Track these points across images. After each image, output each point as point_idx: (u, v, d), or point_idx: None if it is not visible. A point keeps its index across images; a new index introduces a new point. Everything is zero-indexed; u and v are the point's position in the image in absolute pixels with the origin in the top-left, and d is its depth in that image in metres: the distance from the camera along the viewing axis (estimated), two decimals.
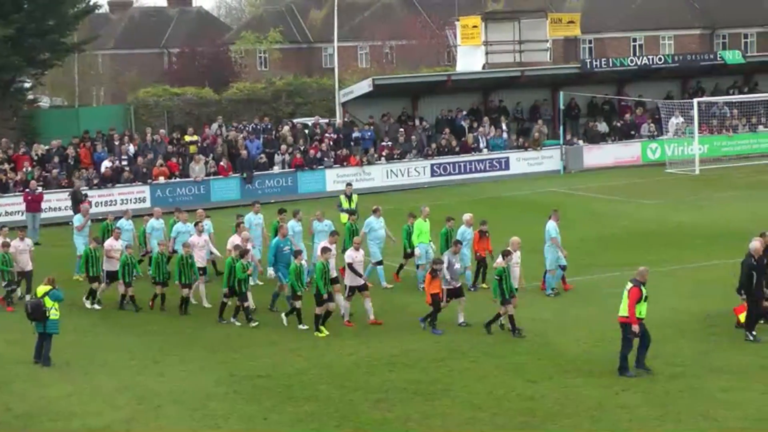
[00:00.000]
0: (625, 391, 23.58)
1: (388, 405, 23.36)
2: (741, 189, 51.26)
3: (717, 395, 23.06)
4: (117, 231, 34.62)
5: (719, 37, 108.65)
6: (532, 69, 64.42)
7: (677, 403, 22.71)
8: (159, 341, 29.42)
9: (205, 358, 27.59)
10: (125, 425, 22.84)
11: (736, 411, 22.05)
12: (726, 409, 22.16)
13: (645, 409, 22.45)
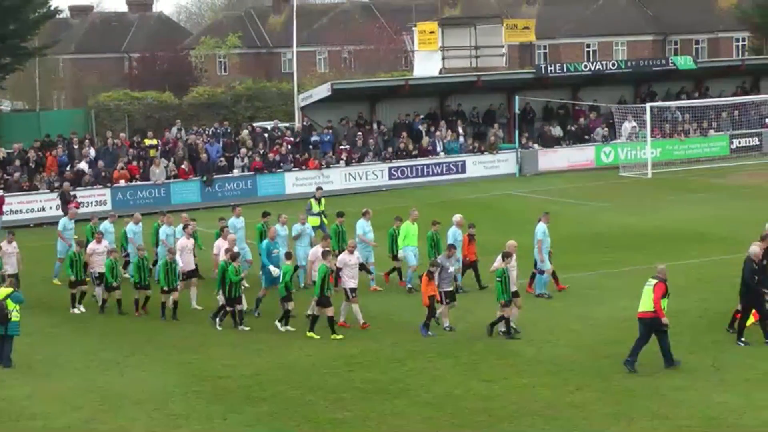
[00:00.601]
0: (579, 390, 23.66)
1: (346, 405, 23.36)
2: (692, 192, 51.56)
3: (669, 394, 23.17)
4: (99, 234, 34.25)
5: (671, 43, 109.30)
6: (488, 74, 64.59)
7: (630, 402, 22.80)
8: (120, 342, 29.30)
9: (165, 359, 27.51)
10: (86, 425, 22.73)
11: (687, 410, 22.17)
12: (678, 408, 22.28)
13: (599, 407, 22.53)
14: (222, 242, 32.77)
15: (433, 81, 64.81)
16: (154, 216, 38.36)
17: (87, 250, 33.20)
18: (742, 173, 57.40)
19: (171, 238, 35.09)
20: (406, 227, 33.91)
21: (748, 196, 49.56)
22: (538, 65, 73.71)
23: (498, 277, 27.95)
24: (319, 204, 39.50)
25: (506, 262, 28.16)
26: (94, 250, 33.19)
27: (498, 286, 27.92)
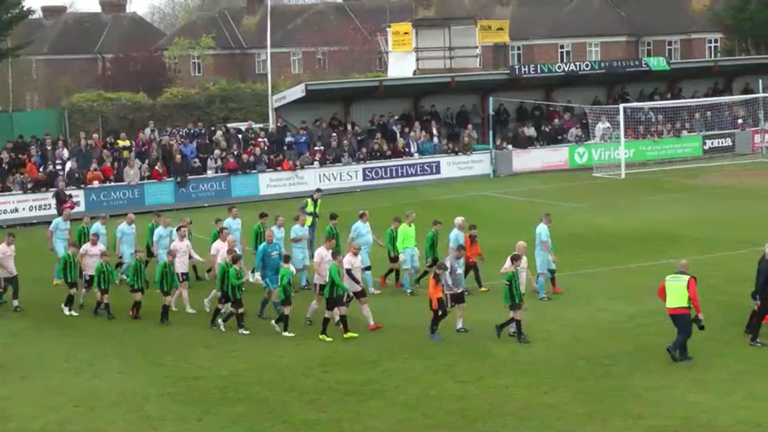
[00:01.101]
0: (553, 391, 23.67)
1: (321, 406, 23.31)
2: (666, 193, 51.73)
3: (643, 394, 23.20)
4: (94, 237, 33.92)
5: (644, 44, 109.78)
6: (462, 75, 64.66)
7: (604, 401, 22.83)
8: (95, 344, 29.20)
9: (140, 361, 27.43)
10: (61, 427, 22.63)
11: (660, 409, 22.21)
12: (651, 408, 22.32)
13: (573, 408, 22.55)
14: (220, 244, 32.47)
15: (407, 82, 64.85)
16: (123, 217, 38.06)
17: (80, 251, 32.88)
18: (716, 174, 57.62)
19: (165, 240, 34.87)
20: (403, 229, 33.71)
21: (721, 196, 49.77)
22: (512, 66, 73.79)
23: (507, 280, 27.60)
24: (315, 205, 39.37)
25: (515, 264, 27.88)
26: (87, 252, 32.89)
27: (506, 290, 27.56)
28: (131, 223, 36.43)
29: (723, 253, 36.26)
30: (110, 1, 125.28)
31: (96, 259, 32.62)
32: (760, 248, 35.86)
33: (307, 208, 38.93)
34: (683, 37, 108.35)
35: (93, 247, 33.21)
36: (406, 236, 33.64)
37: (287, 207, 45.34)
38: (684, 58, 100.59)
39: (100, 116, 72.28)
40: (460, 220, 33.44)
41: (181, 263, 32.71)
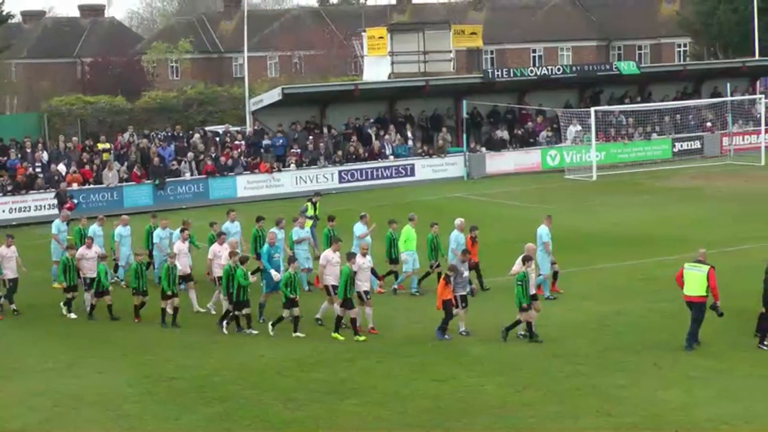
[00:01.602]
0: (526, 389, 23.76)
1: (298, 404, 23.34)
2: (636, 194, 51.89)
3: (613, 392, 23.31)
4: (89, 239, 33.58)
5: (615, 48, 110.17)
6: (436, 79, 64.68)
7: (575, 400, 22.93)
8: (75, 344, 29.15)
9: (119, 361, 27.40)
10: (41, 427, 22.59)
11: (631, 407, 22.31)
12: (621, 406, 22.42)
13: (545, 406, 22.63)
14: (217, 247, 32.10)
15: (383, 86, 64.86)
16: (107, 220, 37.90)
17: (77, 255, 32.46)
18: (685, 176, 57.85)
19: (165, 242, 34.64)
20: (407, 231, 33.46)
21: (690, 198, 49.99)
22: (485, 70, 74.02)
23: (519, 280, 27.43)
24: (314, 208, 39.29)
25: (527, 265, 27.68)
26: (83, 255, 32.49)
27: (519, 290, 27.36)
28: (126, 225, 36.11)
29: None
30: (89, 6, 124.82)
31: (92, 262, 32.32)
32: (728, 249, 36.33)
33: (308, 212, 38.76)
34: (653, 42, 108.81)
35: (88, 250, 32.80)
36: (409, 238, 33.38)
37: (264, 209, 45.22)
38: (654, 62, 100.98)
39: (80, 119, 72.08)
40: (460, 222, 33.20)
41: (184, 264, 32.29)
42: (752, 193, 50.48)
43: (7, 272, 32.46)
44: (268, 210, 44.88)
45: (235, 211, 36.57)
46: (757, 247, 36.74)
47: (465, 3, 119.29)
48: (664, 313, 29.42)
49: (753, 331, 26.82)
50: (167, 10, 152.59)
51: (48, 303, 32.91)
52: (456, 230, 33.02)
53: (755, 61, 73.75)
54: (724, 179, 55.86)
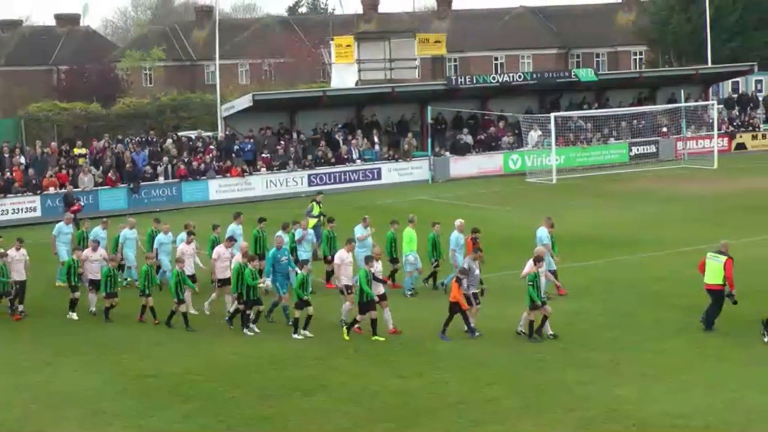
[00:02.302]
0: (490, 385, 23.77)
1: (270, 401, 23.30)
2: (594, 197, 52.08)
3: (574, 388, 23.36)
4: (95, 243, 33.02)
5: (573, 56, 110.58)
6: (401, 85, 64.78)
7: (538, 396, 22.96)
8: (53, 343, 28.99)
9: (96, 359, 27.27)
10: (18, 424, 22.46)
11: (590, 403, 22.36)
12: (582, 401, 22.46)
13: (509, 401, 22.65)
14: (222, 249, 31.64)
15: (350, 92, 64.85)
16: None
17: (81, 256, 32.09)
18: (641, 179, 58.09)
19: (167, 246, 34.28)
20: (407, 233, 32.95)
21: (645, 200, 50.19)
22: (449, 77, 74.03)
23: (530, 281, 27.19)
24: (319, 207, 39.11)
25: (538, 266, 27.47)
26: (87, 257, 32.13)
27: (531, 291, 27.08)
28: (133, 228, 35.70)
29: (648, 254, 36.58)
30: (65, 15, 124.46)
31: (97, 264, 32.03)
32: (682, 249, 36.49)
33: (313, 211, 38.63)
34: (610, 50, 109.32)
35: (93, 252, 32.38)
36: (410, 239, 32.92)
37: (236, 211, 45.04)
38: (611, 70, 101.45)
39: (56, 125, 71.78)
40: (460, 223, 32.89)
41: (189, 265, 31.72)
42: (705, 195, 50.73)
43: (14, 275, 31.77)
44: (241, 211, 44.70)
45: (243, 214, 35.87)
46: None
47: (429, 12, 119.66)
48: (621, 312, 29.53)
49: (701, 327, 27.20)
50: (141, 19, 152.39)
51: (27, 303, 32.59)
52: (456, 231, 32.68)
53: (708, 69, 74.19)
54: (678, 182, 56.14)
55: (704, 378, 23.72)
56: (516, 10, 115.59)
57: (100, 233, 35.10)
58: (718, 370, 24.22)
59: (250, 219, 36.68)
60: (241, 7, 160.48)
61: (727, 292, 26.91)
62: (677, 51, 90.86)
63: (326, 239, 34.46)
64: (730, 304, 27.14)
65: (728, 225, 41.92)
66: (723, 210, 46.25)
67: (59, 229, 36.78)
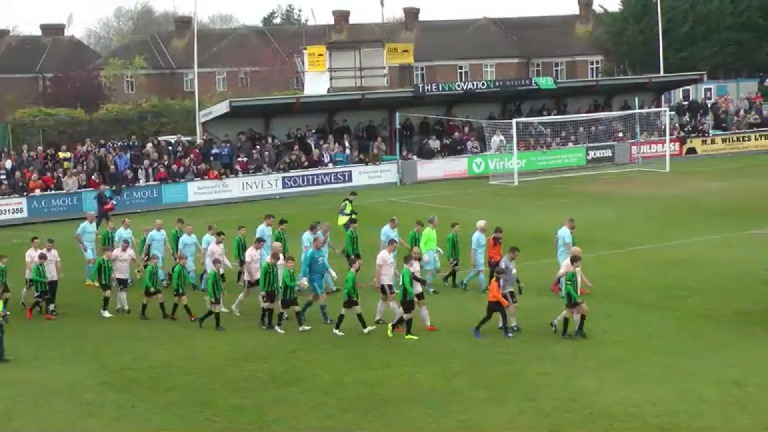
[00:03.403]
0: (455, 377, 23.77)
1: (245, 393, 23.22)
2: (553, 198, 52.13)
3: (535, 379, 23.38)
4: (125, 243, 32.54)
5: (534, 65, 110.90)
6: (371, 92, 64.74)
7: (502, 386, 22.95)
8: (38, 339, 28.81)
9: (79, 354, 27.14)
10: (5, 416, 22.28)
11: (551, 393, 22.38)
12: (543, 391, 22.48)
13: (473, 392, 22.64)
14: (253, 251, 30.98)
15: (322, 99, 64.80)
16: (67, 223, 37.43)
17: (111, 256, 31.54)
18: (597, 181, 58.25)
19: (192, 247, 33.78)
20: (427, 232, 32.55)
21: (601, 201, 50.32)
22: (416, 85, 74.02)
23: (568, 280, 26.68)
24: (351, 205, 38.84)
25: (575, 265, 26.94)
26: (117, 257, 31.67)
27: (570, 289, 26.57)
28: (160, 229, 34.99)
29: (602, 253, 36.62)
30: (50, 25, 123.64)
31: (126, 264, 31.71)
32: (635, 248, 36.61)
33: (346, 210, 38.39)
34: (568, 59, 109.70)
35: (123, 252, 31.95)
36: (429, 239, 32.49)
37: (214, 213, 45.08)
38: (569, 78, 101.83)
39: (41, 130, 71.40)
40: (482, 223, 32.52)
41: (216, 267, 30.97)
42: (657, 197, 50.92)
43: (47, 275, 31.37)
44: (219, 213, 44.73)
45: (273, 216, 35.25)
46: (661, 246, 37.11)
47: (398, 23, 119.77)
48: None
49: (652, 321, 27.19)
50: (123, 29, 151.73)
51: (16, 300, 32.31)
52: (478, 231, 32.30)
53: (660, 77, 74.58)
54: (632, 185, 56.34)
55: (656, 369, 23.77)
56: (479, 21, 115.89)
57: (124, 234, 34.52)
58: (670, 362, 24.28)
59: (226, 221, 36.65)
60: (218, 17, 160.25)
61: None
62: (631, 60, 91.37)
63: (349, 239, 33.72)
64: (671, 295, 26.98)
65: (679, 225, 42.14)
66: (674, 211, 46.44)
67: (84, 228, 36.22)
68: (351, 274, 28.00)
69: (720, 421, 20.34)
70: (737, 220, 42.49)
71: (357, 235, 33.94)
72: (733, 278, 32.39)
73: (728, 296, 30.30)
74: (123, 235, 34.23)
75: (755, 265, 33.85)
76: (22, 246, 37.14)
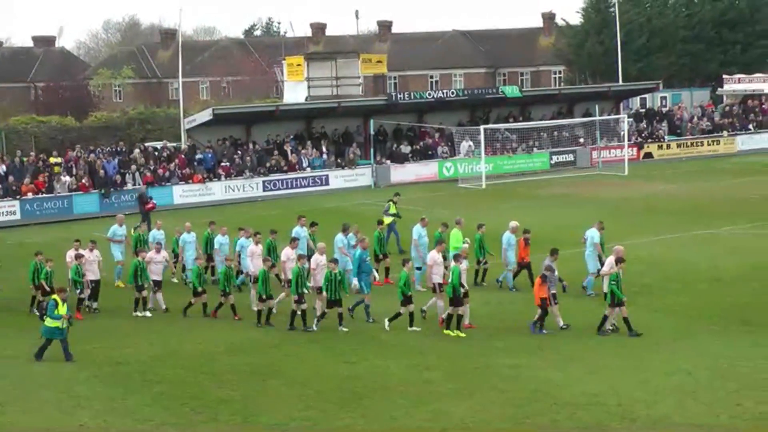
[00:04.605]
0: (428, 370, 23.78)
1: (229, 385, 23.17)
2: (519, 200, 52.22)
3: (503, 371, 23.42)
4: (158, 245, 32.13)
5: (500, 75, 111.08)
6: (346, 101, 64.72)
7: (471, 378, 22.99)
8: (30, 334, 28.59)
9: (71, 348, 26.91)
10: (2, 408, 22.08)
11: (518, 384, 22.43)
12: (510, 383, 22.52)
13: (445, 384, 22.67)
14: (289, 251, 30.35)
15: (300, 107, 64.74)
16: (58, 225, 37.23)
17: (146, 258, 31.00)
18: (560, 184, 58.37)
19: (226, 247, 33.27)
20: (455, 233, 32.10)
21: (564, 203, 50.43)
22: (390, 93, 73.99)
23: (613, 280, 26.17)
24: (395, 207, 38.49)
25: (619, 266, 26.54)
26: (152, 259, 31.19)
27: (613, 288, 26.10)
28: (190, 231, 34.47)
29: (566, 251, 36.64)
30: (42, 37, 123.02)
31: (160, 266, 31.33)
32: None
33: (390, 210, 38.07)
34: (533, 69, 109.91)
35: (157, 254, 31.52)
36: (457, 239, 31.94)
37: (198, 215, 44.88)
38: (533, 87, 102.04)
39: (34, 137, 71.05)
40: (514, 224, 32.19)
41: (258, 266, 30.55)
42: (617, 199, 51.08)
43: (89, 275, 31.03)
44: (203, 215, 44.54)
45: (305, 217, 35.02)
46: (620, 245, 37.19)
47: (372, 35, 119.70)
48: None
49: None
50: (111, 41, 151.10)
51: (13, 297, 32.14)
52: (508, 232, 31.96)
53: (619, 86, 74.82)
54: (593, 187, 56.48)
55: (617, 361, 23.87)
56: (449, 33, 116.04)
57: (157, 235, 34.13)
58: (629, 355, 24.38)
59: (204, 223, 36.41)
60: (201, 30, 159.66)
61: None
62: (592, 70, 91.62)
63: (376, 239, 33.15)
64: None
65: (637, 225, 42.27)
66: (632, 211, 46.58)
67: (114, 231, 35.72)
68: (404, 273, 27.65)
69: (675, 409, 20.44)
70: (691, 219, 42.70)
71: (383, 236, 33.68)
72: (688, 275, 32.58)
73: (684, 292, 30.49)
74: (157, 237, 33.89)
75: (708, 262, 34.07)
76: (18, 246, 37.01)
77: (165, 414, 21.48)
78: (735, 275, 31.88)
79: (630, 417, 20.14)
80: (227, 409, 21.61)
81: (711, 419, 19.85)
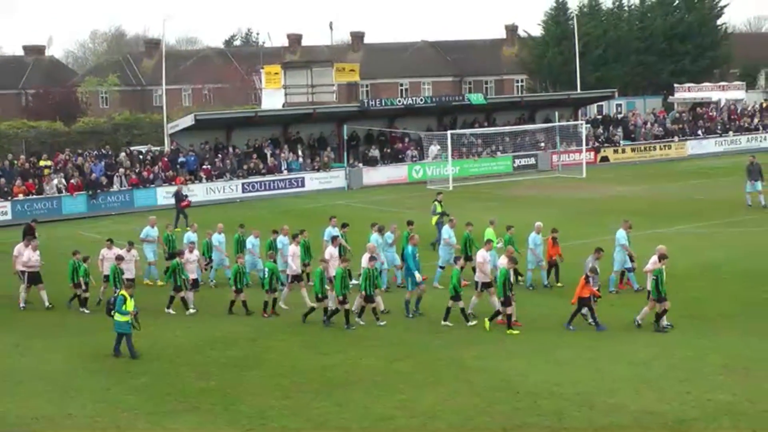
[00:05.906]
0: (399, 361, 23.74)
1: (209, 376, 23.07)
2: (484, 201, 52.29)
3: (470, 363, 23.40)
4: (191, 245, 31.78)
5: (466, 83, 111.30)
6: (321, 107, 64.63)
7: (440, 369, 22.96)
8: (21, 329, 28.46)
9: (58, 342, 26.79)
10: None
11: (484, 375, 22.42)
12: (477, 374, 22.51)
13: (415, 374, 22.63)
14: (332, 249, 29.80)
15: (278, 112, 64.57)
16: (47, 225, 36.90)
17: (183, 259, 30.42)
18: (523, 186, 58.52)
19: (257, 248, 32.70)
20: (489, 233, 31.42)
21: (526, 204, 50.48)
22: (362, 100, 74.00)
23: (655, 275, 25.76)
24: (441, 206, 38.17)
25: (663, 263, 26.09)
26: (187, 260, 30.80)
27: (653, 284, 25.63)
28: (221, 232, 34.13)
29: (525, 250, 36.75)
30: (32, 46, 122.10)
31: (193, 265, 31.02)
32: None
33: (437, 209, 37.79)
34: (497, 78, 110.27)
35: (190, 254, 31.23)
36: (489, 238, 30.63)
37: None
38: (497, 94, 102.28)
39: (24, 141, 70.58)
40: (539, 225, 31.83)
41: (298, 266, 30.17)
42: (576, 199, 51.26)
43: (127, 273, 30.61)
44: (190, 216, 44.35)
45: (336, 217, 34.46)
46: (579, 243, 37.28)
47: (345, 45, 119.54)
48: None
49: (571, 311, 26.64)
50: (98, 50, 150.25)
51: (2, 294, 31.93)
52: (534, 232, 31.57)
53: (577, 94, 75.16)
54: (553, 189, 56.65)
55: (577, 352, 23.90)
56: (418, 44, 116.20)
57: (193, 237, 33.64)
58: (589, 347, 24.41)
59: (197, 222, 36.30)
60: (184, 39, 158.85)
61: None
62: (552, 79, 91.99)
63: (406, 239, 31.93)
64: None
65: (594, 224, 42.36)
66: (590, 211, 46.74)
67: (147, 232, 35.21)
68: (456, 270, 27.37)
69: (631, 398, 20.50)
70: (645, 219, 42.82)
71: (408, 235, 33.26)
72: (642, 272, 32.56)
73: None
74: (191, 238, 33.45)
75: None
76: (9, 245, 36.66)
77: (149, 404, 21.33)
78: (685, 272, 31.99)
79: (588, 405, 20.17)
80: (208, 398, 21.50)
81: (663, 407, 19.93)
